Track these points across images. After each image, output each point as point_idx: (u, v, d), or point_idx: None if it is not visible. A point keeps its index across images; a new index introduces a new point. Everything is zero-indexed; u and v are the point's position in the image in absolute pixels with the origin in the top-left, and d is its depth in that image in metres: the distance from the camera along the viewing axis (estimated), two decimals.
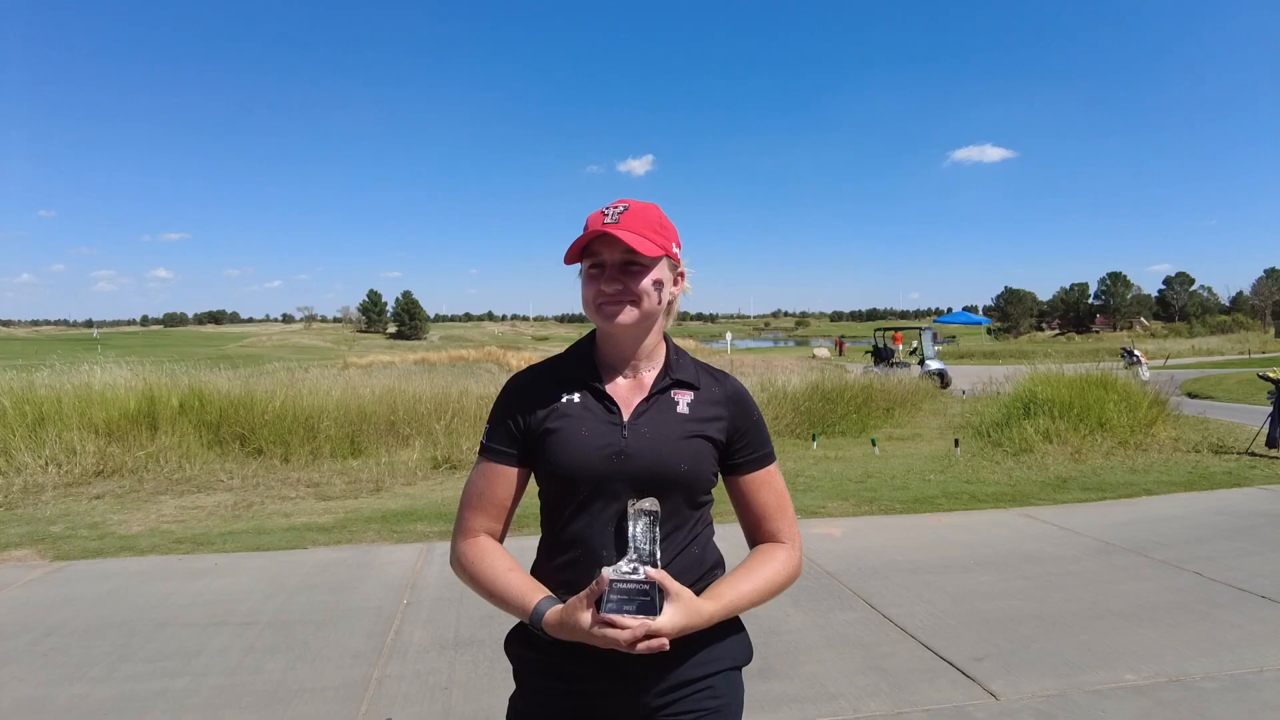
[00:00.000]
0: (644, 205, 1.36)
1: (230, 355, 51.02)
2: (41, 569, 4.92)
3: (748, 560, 1.40)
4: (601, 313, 1.34)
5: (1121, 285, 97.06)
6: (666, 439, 1.34)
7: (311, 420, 8.81)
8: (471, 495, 1.39)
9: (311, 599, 4.35)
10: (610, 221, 1.31)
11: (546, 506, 1.40)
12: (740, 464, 1.43)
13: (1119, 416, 9.53)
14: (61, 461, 7.53)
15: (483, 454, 1.41)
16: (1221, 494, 6.82)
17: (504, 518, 1.39)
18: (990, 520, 6.06)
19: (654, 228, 1.34)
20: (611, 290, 1.32)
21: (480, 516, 1.38)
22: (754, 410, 1.46)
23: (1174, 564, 4.79)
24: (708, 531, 1.43)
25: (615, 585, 1.18)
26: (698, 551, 1.38)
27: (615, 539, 1.30)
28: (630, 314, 1.33)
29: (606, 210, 1.34)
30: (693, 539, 1.37)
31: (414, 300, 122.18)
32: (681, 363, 1.44)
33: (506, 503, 1.38)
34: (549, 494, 1.38)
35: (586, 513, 1.32)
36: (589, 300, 1.35)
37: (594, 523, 1.32)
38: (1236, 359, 33.00)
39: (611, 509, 1.31)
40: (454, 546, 1.40)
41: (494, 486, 1.38)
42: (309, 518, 6.23)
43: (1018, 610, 4.07)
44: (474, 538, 1.37)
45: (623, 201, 1.35)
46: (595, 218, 1.34)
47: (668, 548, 1.31)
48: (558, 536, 1.36)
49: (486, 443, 1.40)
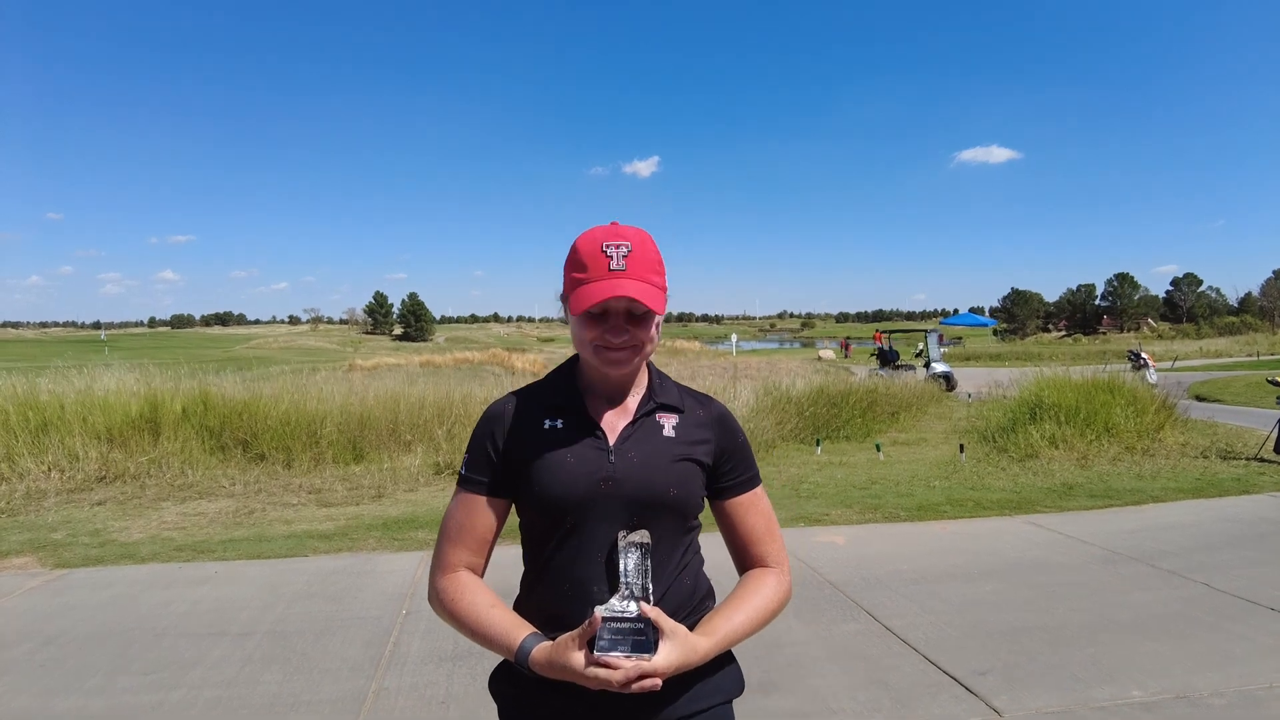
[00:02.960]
0: (641, 238, 1.30)
1: (236, 357, 51.18)
2: (42, 577, 4.91)
3: (739, 590, 1.36)
4: (604, 361, 1.29)
5: (1129, 286, 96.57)
6: (655, 463, 1.31)
7: (314, 426, 8.80)
8: (450, 528, 1.35)
9: (310, 608, 4.33)
10: (617, 267, 1.24)
11: (530, 538, 1.35)
12: (727, 487, 1.40)
13: (1126, 421, 9.45)
14: (64, 467, 7.54)
15: (461, 485, 1.36)
16: (1230, 501, 6.75)
17: (485, 551, 1.35)
18: (995, 528, 6.01)
19: (655, 267, 1.30)
20: (619, 341, 1.28)
21: (460, 550, 1.33)
22: (739, 432, 1.44)
23: (1181, 574, 4.73)
24: (697, 560, 1.40)
25: (609, 624, 1.14)
26: (689, 583, 1.35)
27: (605, 571, 1.26)
28: (632, 362, 1.31)
29: (608, 249, 1.26)
30: (683, 569, 1.34)
31: (420, 302, 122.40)
32: (665, 386, 1.41)
33: (488, 535, 1.34)
34: (533, 525, 1.34)
35: (574, 543, 1.28)
36: (585, 341, 1.29)
37: (582, 554, 1.28)
38: (1245, 361, 32.77)
39: (600, 539, 1.27)
40: (432, 582, 1.34)
41: (474, 519, 1.33)
42: (310, 525, 6.21)
43: (1022, 622, 4.02)
44: (453, 573, 1.33)
45: (621, 237, 1.27)
46: (595, 257, 1.26)
47: (659, 580, 1.27)
48: (544, 569, 1.31)
49: (465, 473, 1.36)
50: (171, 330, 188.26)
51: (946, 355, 25.90)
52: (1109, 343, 56.58)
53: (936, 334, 24.04)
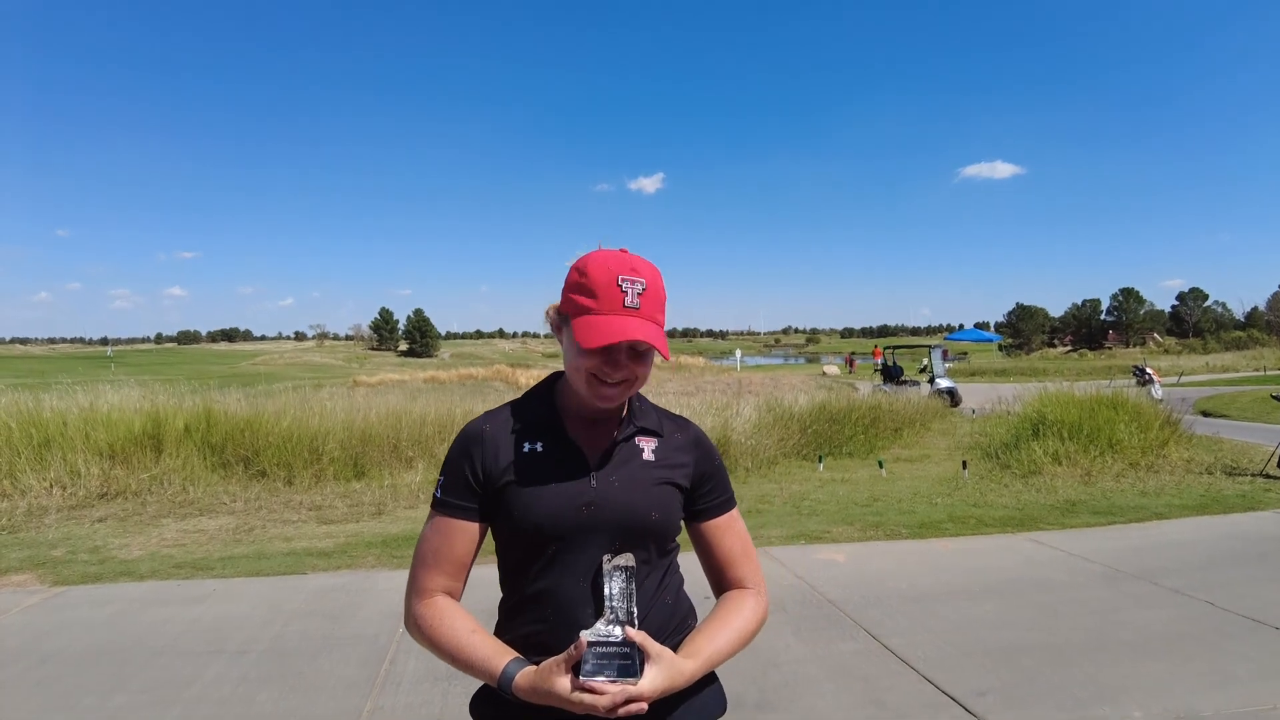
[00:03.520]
0: (653, 275, 1.28)
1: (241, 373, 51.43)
2: (40, 594, 4.91)
3: (719, 611, 1.37)
4: (597, 394, 1.28)
5: (1134, 301, 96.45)
6: (636, 487, 1.31)
7: (316, 443, 8.81)
8: (426, 553, 1.33)
9: (308, 626, 4.32)
10: (631, 305, 1.23)
11: (509, 564, 1.34)
12: (705, 509, 1.41)
13: (1130, 437, 9.40)
14: (66, 484, 7.55)
15: (437, 508, 1.34)
16: (1235, 518, 6.70)
17: (462, 575, 1.34)
18: (997, 545, 5.97)
19: (662, 306, 1.29)
20: (618, 376, 1.26)
21: (437, 575, 1.32)
22: (716, 455, 1.45)
23: (1184, 592, 4.69)
24: (677, 579, 1.40)
25: (594, 648, 1.14)
26: (670, 601, 1.35)
27: (590, 595, 1.26)
28: (626, 395, 1.31)
29: (624, 284, 1.23)
30: (664, 589, 1.35)
31: (425, 318, 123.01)
32: (643, 409, 1.41)
33: (465, 560, 1.33)
34: (512, 550, 1.33)
35: (555, 569, 1.27)
36: (581, 369, 1.26)
37: (564, 579, 1.27)
38: (1252, 376, 32.60)
39: (582, 563, 1.27)
40: (409, 608, 1.33)
41: (451, 543, 1.31)
42: (310, 542, 6.21)
43: (1023, 641, 3.99)
44: (431, 598, 1.31)
45: (637, 272, 1.25)
46: (609, 291, 1.23)
47: (641, 602, 1.27)
48: (524, 595, 1.31)
49: (441, 496, 1.34)
50: (178, 346, 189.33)
51: (951, 371, 25.85)
52: (1115, 358, 56.48)
53: (941, 350, 23.97)
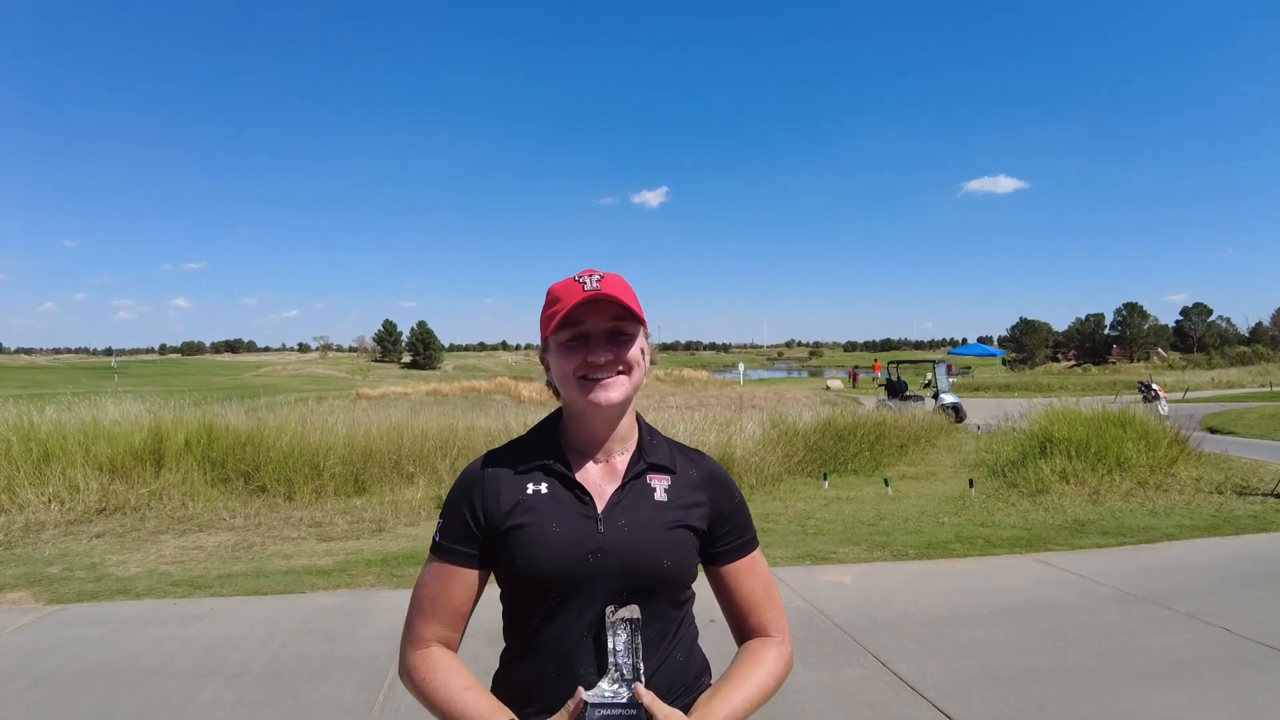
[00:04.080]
0: (614, 274, 1.27)
1: (244, 385, 51.39)
2: (34, 613, 4.85)
3: (737, 665, 1.27)
4: (589, 388, 1.21)
5: (1138, 316, 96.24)
6: (646, 532, 1.22)
7: (317, 458, 8.75)
8: (423, 600, 1.25)
9: (305, 647, 4.25)
10: (591, 289, 1.20)
11: (512, 612, 1.26)
12: (723, 552, 1.32)
13: (1138, 455, 9.29)
14: (64, 499, 7.50)
15: (435, 553, 1.27)
16: (1247, 539, 6.59)
17: (460, 625, 1.27)
18: (1005, 567, 5.88)
19: (625, 290, 1.24)
20: (602, 360, 1.20)
21: (433, 624, 1.24)
22: (735, 492, 1.35)
23: (1199, 617, 4.59)
24: (691, 633, 1.31)
25: (597, 710, 1.06)
26: (682, 659, 1.25)
27: (593, 649, 1.17)
28: (622, 388, 1.22)
29: (581, 279, 1.23)
30: (676, 644, 1.25)
31: (428, 330, 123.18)
32: (655, 444, 1.33)
33: (464, 609, 1.26)
34: (514, 598, 1.25)
35: (559, 620, 1.19)
36: (568, 373, 1.22)
37: (568, 631, 1.19)
38: (1258, 392, 32.36)
39: (588, 615, 1.18)
40: (403, 657, 1.26)
41: (449, 591, 1.24)
42: (309, 560, 6.14)
43: (1033, 666, 3.90)
44: (425, 648, 1.24)
45: (593, 270, 1.25)
46: (568, 287, 1.23)
47: (650, 657, 1.18)
48: (525, 647, 1.23)
49: (439, 540, 1.27)
50: (182, 357, 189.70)
51: (955, 386, 25.72)
52: (1119, 373, 56.20)
53: (945, 364, 23.86)
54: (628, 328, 1.24)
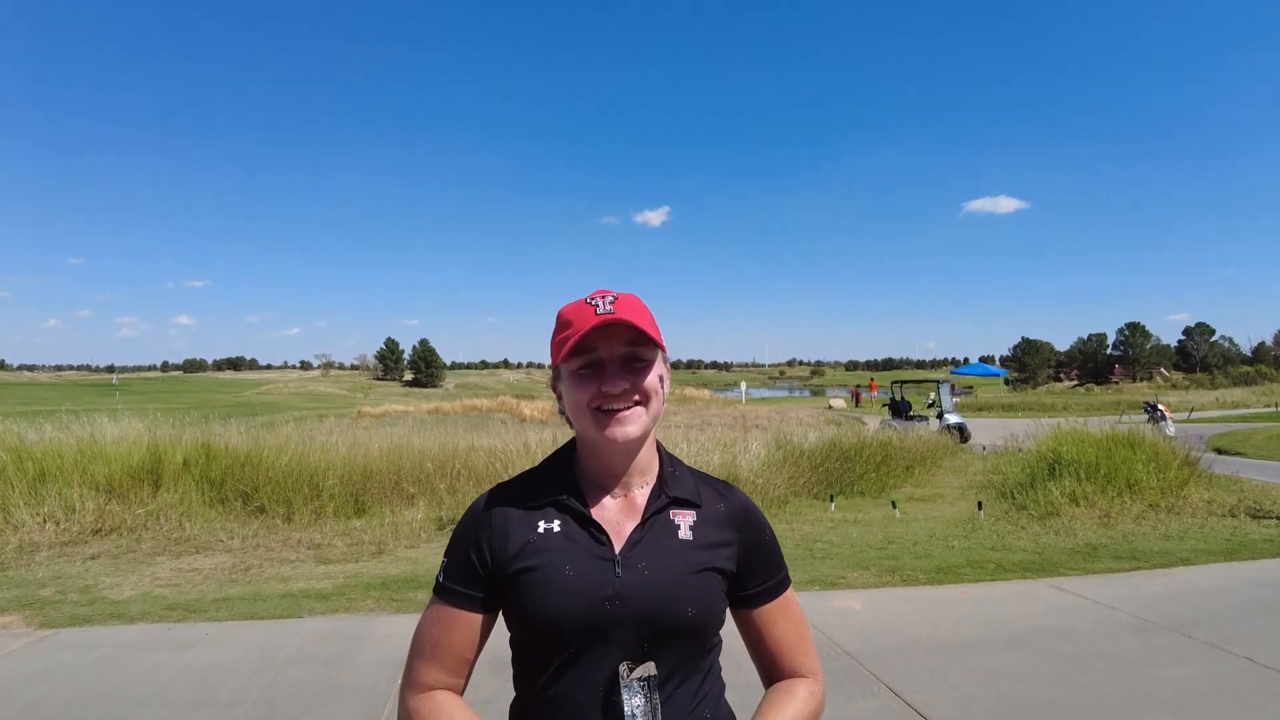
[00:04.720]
0: (628, 294, 1.17)
1: (246, 403, 51.36)
2: (25, 638, 4.73)
3: (765, 709, 1.17)
4: (604, 421, 1.12)
5: (1140, 336, 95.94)
6: (669, 576, 1.12)
7: (316, 478, 8.65)
8: (424, 643, 1.16)
9: (302, 675, 4.13)
10: (604, 312, 1.11)
11: (521, 660, 1.17)
12: (754, 594, 1.21)
13: (1149, 477, 9.16)
14: (60, 519, 7.39)
15: (438, 594, 1.18)
16: (1265, 565, 6.45)
17: (464, 671, 1.17)
18: (1018, 592, 5.75)
19: (641, 311, 1.15)
20: (617, 390, 1.11)
21: (434, 670, 1.15)
22: (765, 527, 1.25)
23: (1220, 645, 4.46)
24: (718, 687, 1.20)
25: None
26: (708, 716, 1.15)
27: (610, 707, 1.08)
28: (639, 422, 1.13)
29: (593, 300, 1.13)
30: (700, 700, 1.15)
31: (430, 348, 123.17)
32: (678, 476, 1.23)
33: (467, 655, 1.16)
34: (523, 646, 1.15)
35: (571, 673, 1.10)
36: (582, 404, 1.13)
37: (583, 685, 1.09)
38: (1264, 412, 32.15)
39: (604, 666, 1.09)
40: (402, 700, 1.16)
41: (452, 635, 1.15)
42: (307, 583, 6.02)
43: (1049, 697, 3.78)
44: (426, 693, 1.14)
45: (606, 291, 1.16)
46: (580, 310, 1.14)
47: (672, 716, 1.08)
48: (533, 699, 1.13)
49: (443, 581, 1.18)
50: (184, 374, 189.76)
51: (959, 406, 25.60)
52: (1122, 392, 56.00)
53: (949, 384, 23.75)
54: (644, 353, 1.15)
